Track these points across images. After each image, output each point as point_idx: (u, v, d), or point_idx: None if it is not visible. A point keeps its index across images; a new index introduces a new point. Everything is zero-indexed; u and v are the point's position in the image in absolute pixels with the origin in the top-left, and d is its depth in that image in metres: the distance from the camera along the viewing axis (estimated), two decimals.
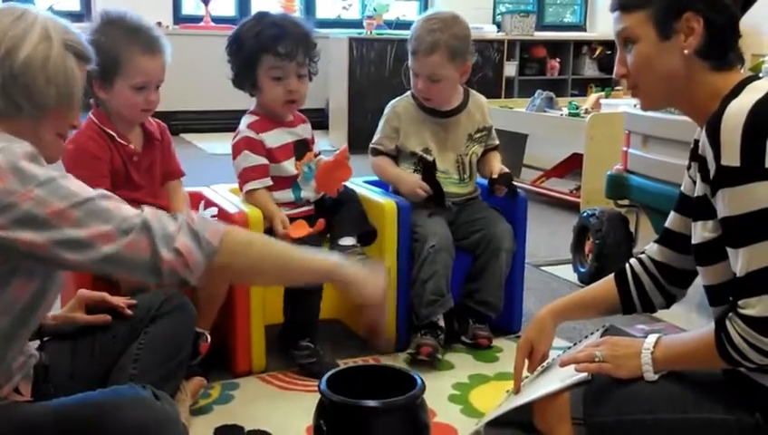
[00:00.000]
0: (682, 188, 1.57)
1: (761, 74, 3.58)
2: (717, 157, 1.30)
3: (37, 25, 1.31)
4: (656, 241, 1.66)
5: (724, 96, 1.35)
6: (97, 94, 1.97)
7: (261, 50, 2.14)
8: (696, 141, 1.46)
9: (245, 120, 2.24)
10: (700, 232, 1.41)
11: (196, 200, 2.29)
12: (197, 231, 1.28)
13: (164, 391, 1.45)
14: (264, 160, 2.19)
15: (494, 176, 2.37)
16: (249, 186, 2.18)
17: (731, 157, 1.28)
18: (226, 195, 2.31)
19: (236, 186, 2.33)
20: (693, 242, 1.45)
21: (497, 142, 2.54)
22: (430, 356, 2.19)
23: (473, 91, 2.50)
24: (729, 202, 1.30)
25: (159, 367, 1.63)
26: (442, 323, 2.30)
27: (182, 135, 6.52)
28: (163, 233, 1.25)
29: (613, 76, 1.52)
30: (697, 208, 1.42)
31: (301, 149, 2.27)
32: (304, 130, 2.31)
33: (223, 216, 2.11)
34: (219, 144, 6.19)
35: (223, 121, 6.68)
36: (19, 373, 1.40)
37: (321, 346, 2.22)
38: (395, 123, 2.42)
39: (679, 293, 1.64)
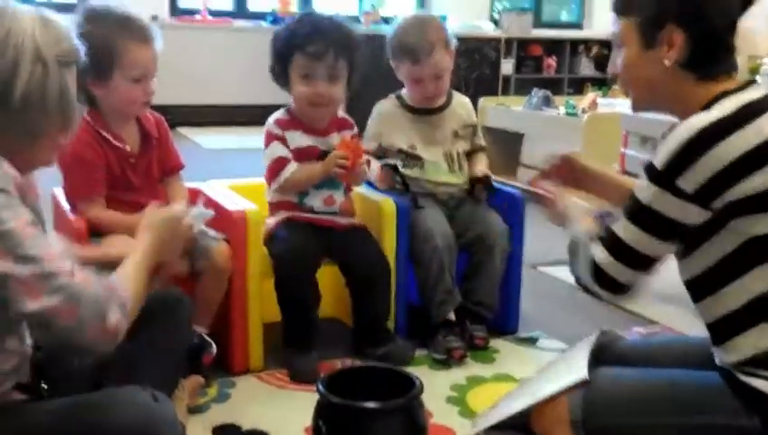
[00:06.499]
0: None
1: (758, 76, 3.58)
2: (655, 154, 1.35)
3: (26, 44, 1.19)
4: None
5: (702, 108, 1.37)
6: (93, 92, 1.94)
7: (292, 48, 2.19)
8: None
9: (274, 115, 2.27)
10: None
11: (195, 198, 2.28)
12: (125, 303, 1.30)
13: (162, 390, 1.45)
14: (286, 152, 2.21)
15: (477, 175, 2.43)
16: (279, 179, 2.20)
17: (660, 158, 1.32)
18: (224, 191, 2.30)
19: (233, 182, 2.40)
20: None
21: (483, 144, 2.57)
22: (462, 358, 2.26)
23: (456, 92, 2.55)
24: (637, 190, 1.37)
25: (157, 366, 1.61)
26: (453, 317, 2.33)
27: (178, 129, 6.49)
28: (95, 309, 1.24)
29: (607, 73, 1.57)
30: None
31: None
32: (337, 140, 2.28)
33: (221, 213, 2.09)
34: (216, 138, 6.18)
35: (220, 116, 6.68)
36: (13, 374, 1.38)
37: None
38: (376, 125, 2.49)
39: None
